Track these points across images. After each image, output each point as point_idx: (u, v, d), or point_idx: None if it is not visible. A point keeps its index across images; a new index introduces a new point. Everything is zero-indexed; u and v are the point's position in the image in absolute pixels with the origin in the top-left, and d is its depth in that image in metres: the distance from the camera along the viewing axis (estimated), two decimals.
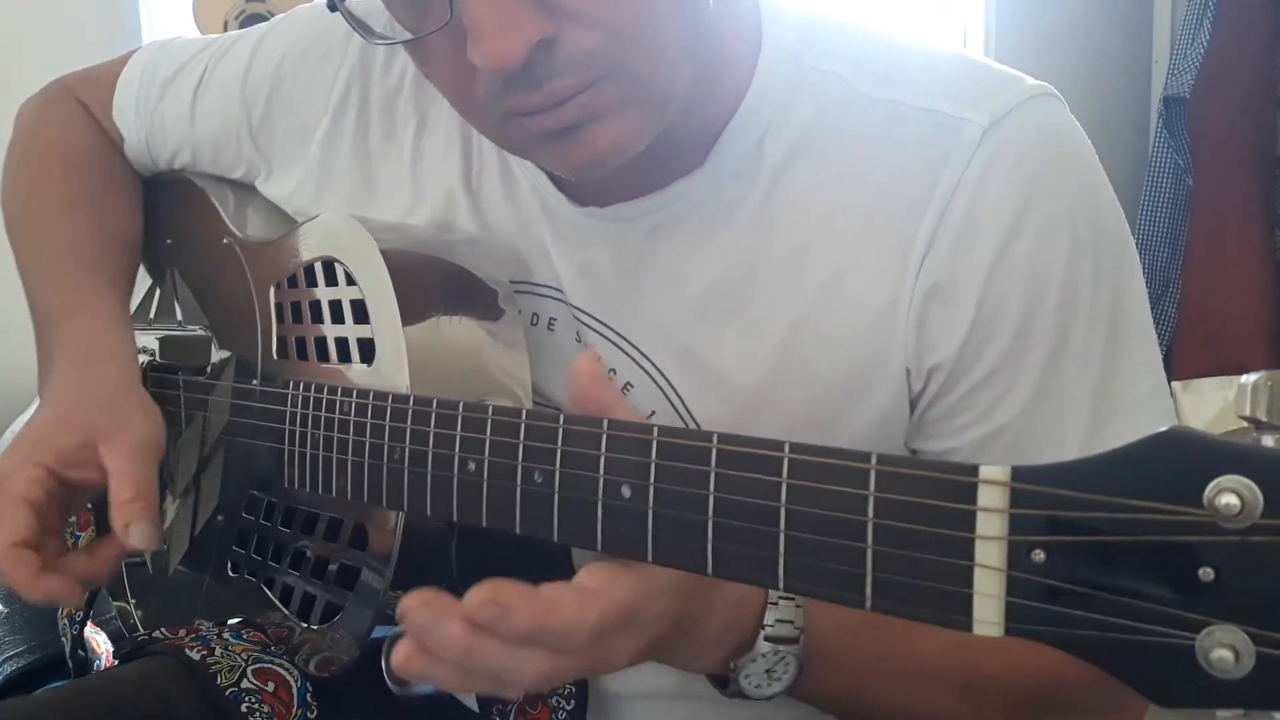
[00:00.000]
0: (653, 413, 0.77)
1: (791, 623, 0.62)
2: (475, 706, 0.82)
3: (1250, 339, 2.32)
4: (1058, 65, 2.59)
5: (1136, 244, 0.76)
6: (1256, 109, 2.40)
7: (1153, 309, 2.58)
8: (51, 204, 1.01)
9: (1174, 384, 2.21)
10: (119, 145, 1.06)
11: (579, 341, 0.80)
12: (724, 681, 0.65)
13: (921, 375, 0.72)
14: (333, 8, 0.68)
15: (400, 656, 0.55)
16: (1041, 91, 0.72)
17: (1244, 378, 0.36)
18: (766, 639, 0.62)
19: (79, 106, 1.08)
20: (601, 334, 0.79)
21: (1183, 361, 2.42)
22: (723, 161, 0.74)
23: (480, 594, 0.53)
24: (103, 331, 0.92)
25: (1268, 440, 0.36)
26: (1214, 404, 2.19)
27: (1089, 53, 2.71)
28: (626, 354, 0.78)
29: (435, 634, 0.54)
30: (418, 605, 0.54)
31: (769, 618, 0.62)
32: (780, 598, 0.62)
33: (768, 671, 0.64)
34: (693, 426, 0.77)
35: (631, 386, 0.78)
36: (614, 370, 0.79)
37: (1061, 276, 0.69)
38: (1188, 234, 2.48)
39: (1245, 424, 0.37)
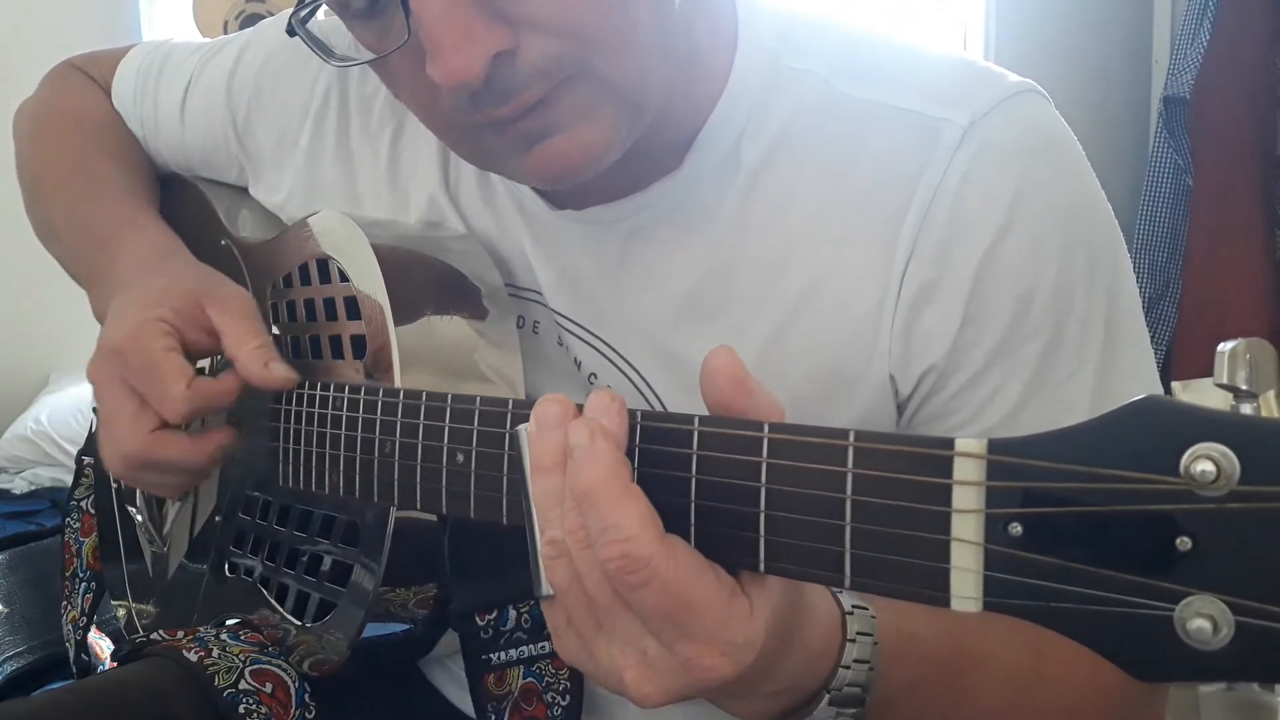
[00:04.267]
0: None
1: (860, 686, 0.57)
2: (471, 707, 0.82)
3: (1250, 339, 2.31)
4: (1058, 65, 2.59)
5: (1136, 244, 0.76)
6: (1256, 109, 2.40)
7: (1153, 309, 2.60)
8: (84, 151, 1.02)
9: (1174, 384, 2.20)
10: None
11: (560, 345, 0.80)
12: None
13: (911, 380, 0.71)
14: (292, 32, 0.67)
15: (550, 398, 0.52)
16: (1023, 89, 0.70)
17: (1222, 345, 0.36)
18: (831, 702, 0.57)
19: (89, 79, 1.09)
20: (581, 338, 0.79)
21: (1183, 361, 2.41)
22: (700, 162, 0.73)
23: (587, 422, 0.49)
24: (164, 236, 0.92)
25: (1245, 408, 0.36)
26: (1214, 404, 2.16)
27: (1089, 53, 2.70)
28: (607, 357, 0.78)
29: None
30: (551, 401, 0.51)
31: (838, 680, 0.57)
32: (855, 660, 0.57)
33: None
34: None
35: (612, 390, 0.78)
36: (594, 374, 0.78)
37: (1055, 271, 0.68)
38: (1188, 234, 2.47)
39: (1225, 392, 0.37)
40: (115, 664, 0.92)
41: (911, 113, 0.69)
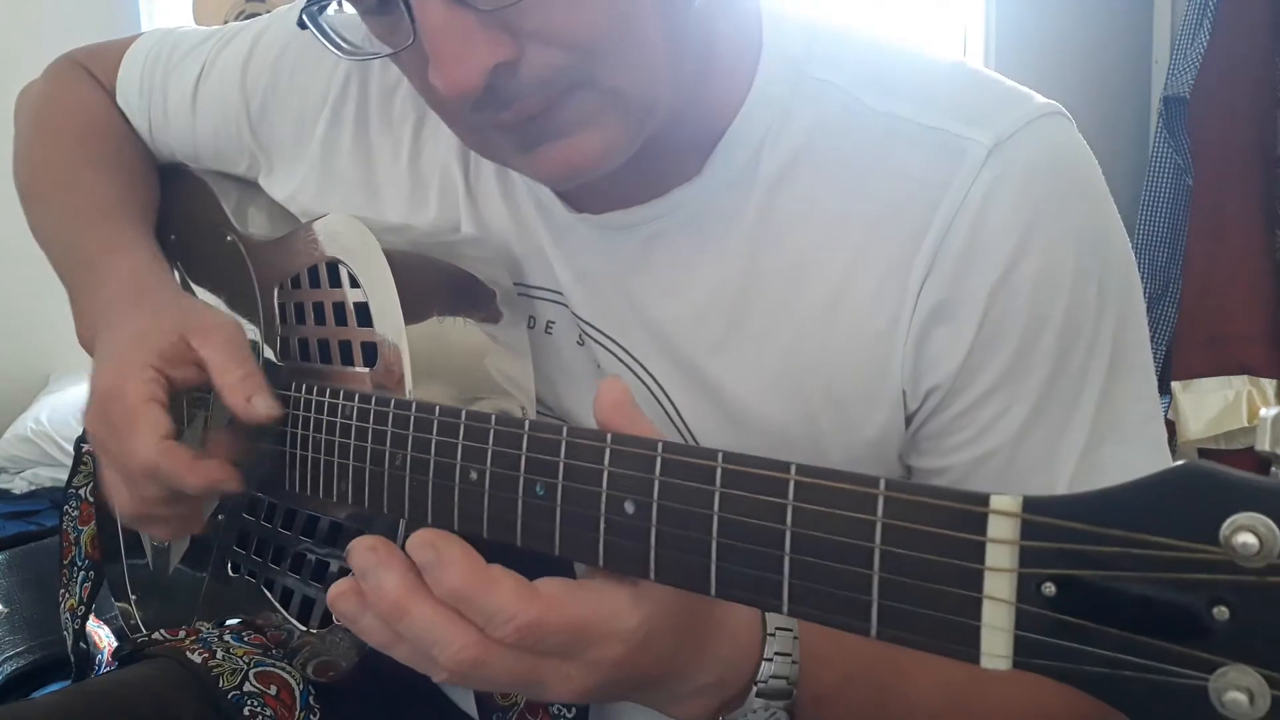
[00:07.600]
0: None
1: (786, 679, 0.60)
2: (475, 713, 0.81)
3: (1250, 339, 2.32)
4: (1058, 65, 2.59)
5: (1136, 244, 0.76)
6: (1256, 109, 2.40)
7: (1153, 309, 2.60)
8: (76, 161, 1.01)
9: (1174, 384, 2.21)
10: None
11: (580, 345, 0.79)
12: None
13: (917, 397, 0.71)
14: (303, 25, 0.67)
15: (335, 592, 0.57)
16: (1049, 111, 0.70)
17: (1264, 412, 0.36)
18: (759, 694, 0.60)
19: (90, 77, 1.08)
20: (599, 342, 0.78)
21: (1183, 361, 2.41)
22: (720, 170, 0.73)
23: (421, 536, 0.55)
24: (152, 263, 0.91)
25: None
26: (1214, 404, 2.18)
27: (1089, 53, 2.70)
28: (623, 362, 0.77)
29: (371, 579, 0.55)
30: (364, 548, 0.56)
31: (763, 672, 0.60)
32: (777, 653, 0.60)
33: None
34: (688, 437, 0.76)
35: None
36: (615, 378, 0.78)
37: (1065, 301, 0.68)
38: (1188, 234, 2.47)
39: (1246, 426, 0.36)
40: (117, 664, 0.91)
41: (936, 130, 0.69)
